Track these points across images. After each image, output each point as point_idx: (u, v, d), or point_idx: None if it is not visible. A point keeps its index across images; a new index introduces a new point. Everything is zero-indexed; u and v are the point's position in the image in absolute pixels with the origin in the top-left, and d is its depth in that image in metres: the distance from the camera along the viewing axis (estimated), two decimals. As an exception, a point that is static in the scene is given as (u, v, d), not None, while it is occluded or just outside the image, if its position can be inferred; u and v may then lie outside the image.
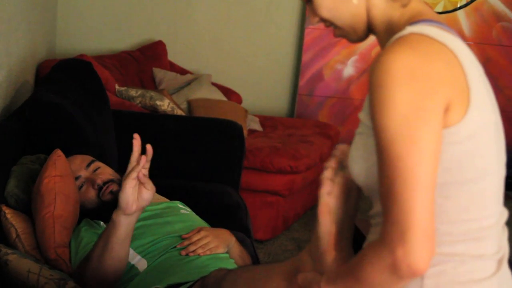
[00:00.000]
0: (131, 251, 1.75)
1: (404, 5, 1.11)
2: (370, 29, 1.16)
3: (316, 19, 1.18)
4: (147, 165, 1.58)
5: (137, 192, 1.58)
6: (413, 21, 1.08)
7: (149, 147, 1.57)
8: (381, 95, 0.98)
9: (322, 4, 1.15)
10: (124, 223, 1.60)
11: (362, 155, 1.08)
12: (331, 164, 1.17)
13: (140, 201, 1.59)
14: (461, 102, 1.01)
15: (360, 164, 1.09)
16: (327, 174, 1.16)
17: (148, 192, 1.59)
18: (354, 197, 1.17)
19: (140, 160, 1.55)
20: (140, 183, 1.58)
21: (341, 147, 1.19)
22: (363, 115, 1.09)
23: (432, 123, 0.97)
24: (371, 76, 1.01)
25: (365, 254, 1.02)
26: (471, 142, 1.03)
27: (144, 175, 1.57)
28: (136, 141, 1.57)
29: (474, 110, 1.02)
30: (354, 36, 1.18)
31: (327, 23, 1.18)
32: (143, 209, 1.64)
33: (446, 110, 1.00)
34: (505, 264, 1.11)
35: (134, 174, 1.56)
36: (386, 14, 1.13)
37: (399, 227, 0.96)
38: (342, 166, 1.16)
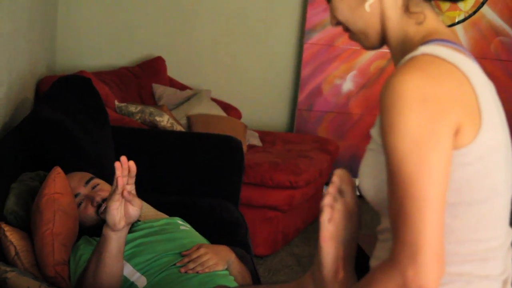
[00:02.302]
0: (131, 268, 1.75)
1: (419, 23, 1.12)
2: (384, 39, 1.17)
3: (334, 21, 1.20)
4: (132, 181, 1.57)
5: (123, 210, 1.57)
6: (426, 40, 1.08)
7: (131, 163, 1.55)
8: (392, 117, 0.99)
9: (338, 7, 1.17)
10: (114, 238, 1.59)
11: (372, 171, 1.09)
12: (330, 190, 1.17)
13: (127, 218, 1.58)
14: (472, 124, 1.01)
15: (370, 180, 1.09)
16: (327, 200, 1.16)
17: (135, 209, 1.58)
18: (355, 221, 1.17)
19: (118, 182, 1.54)
20: (126, 201, 1.57)
21: (339, 172, 1.18)
22: (374, 132, 1.10)
23: (442, 145, 0.98)
24: (381, 97, 1.02)
25: (375, 275, 1.02)
26: (481, 163, 1.03)
27: (129, 192, 1.55)
28: (121, 163, 1.54)
29: (485, 132, 1.02)
30: (367, 42, 1.19)
31: (344, 26, 1.20)
32: (131, 223, 1.63)
33: (457, 132, 1.00)
34: (509, 286, 1.11)
35: (116, 197, 1.55)
36: (402, 29, 1.14)
37: (410, 248, 0.96)
38: (341, 192, 1.16)
